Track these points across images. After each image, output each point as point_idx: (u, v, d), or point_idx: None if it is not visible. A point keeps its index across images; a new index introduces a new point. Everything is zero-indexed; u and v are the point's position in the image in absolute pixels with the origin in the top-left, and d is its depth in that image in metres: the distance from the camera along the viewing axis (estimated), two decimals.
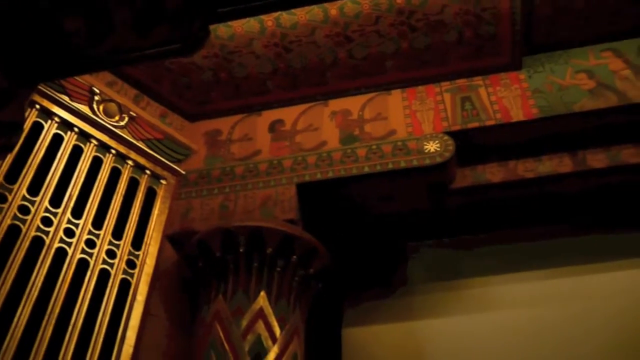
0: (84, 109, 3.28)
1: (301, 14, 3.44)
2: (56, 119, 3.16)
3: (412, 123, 3.47)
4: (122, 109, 3.46)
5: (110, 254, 3.05)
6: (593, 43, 3.64)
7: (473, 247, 3.84)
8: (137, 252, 3.16)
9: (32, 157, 2.97)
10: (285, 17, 3.45)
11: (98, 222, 3.08)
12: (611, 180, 3.50)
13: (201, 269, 3.17)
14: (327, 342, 3.70)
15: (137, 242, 3.20)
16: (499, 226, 3.82)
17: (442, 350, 3.57)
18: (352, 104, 3.65)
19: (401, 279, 3.88)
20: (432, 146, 3.31)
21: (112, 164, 3.30)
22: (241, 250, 3.07)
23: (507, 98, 3.48)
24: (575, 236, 3.79)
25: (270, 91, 3.73)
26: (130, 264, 3.10)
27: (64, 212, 2.95)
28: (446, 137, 3.33)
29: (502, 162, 3.44)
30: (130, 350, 2.87)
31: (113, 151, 3.33)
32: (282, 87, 3.71)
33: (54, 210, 2.93)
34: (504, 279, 3.75)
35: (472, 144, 3.41)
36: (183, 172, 3.56)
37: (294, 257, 3.11)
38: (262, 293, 3.00)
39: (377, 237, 3.83)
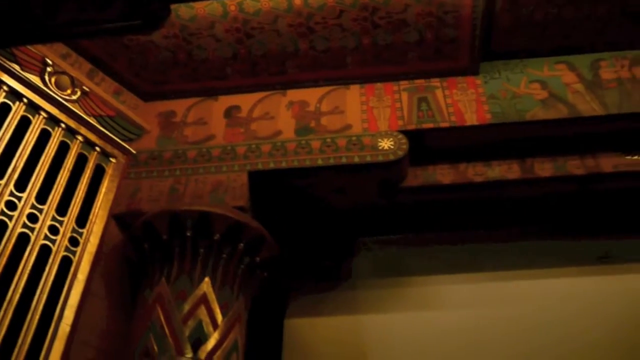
0: (35, 79, 3.18)
1: (265, 1, 3.41)
2: (4, 87, 3.05)
3: (368, 119, 3.49)
4: (75, 83, 3.37)
5: (53, 230, 2.97)
6: (549, 55, 3.73)
7: (420, 246, 3.90)
8: (81, 230, 3.09)
9: None
10: (249, 3, 3.41)
11: (42, 197, 2.99)
12: (556, 189, 3.60)
13: (146, 251, 3.12)
14: (269, 332, 3.70)
15: (82, 220, 3.12)
16: (446, 227, 3.89)
17: (383, 346, 3.62)
18: (310, 95, 3.65)
19: (347, 273, 3.91)
20: (386, 143, 3.34)
21: (60, 138, 3.21)
22: (188, 234, 3.04)
23: (463, 102, 3.53)
24: (520, 241, 3.90)
25: (229, 76, 3.69)
26: (73, 242, 3.03)
27: (6, 184, 2.86)
28: (400, 136, 3.36)
29: (453, 164, 3.50)
30: (68, 329, 2.82)
31: (62, 125, 3.23)
32: (241, 73, 3.68)
33: None
34: (448, 279, 3.82)
35: (425, 144, 3.46)
36: (134, 152, 3.49)
37: (241, 244, 3.10)
38: (207, 279, 2.98)
39: (326, 230, 3.84)
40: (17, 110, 3.07)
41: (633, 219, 3.85)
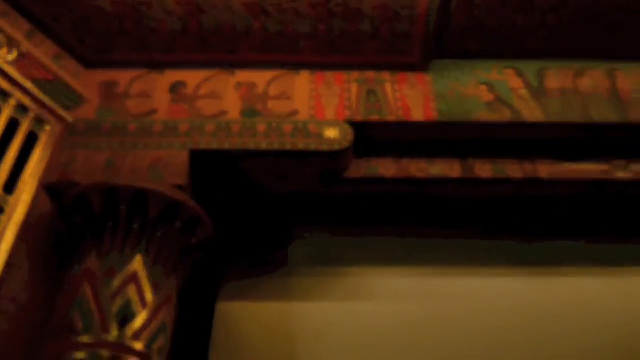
0: None
1: None
2: None
3: (315, 106, 3.47)
4: (11, 43, 3.20)
5: None
6: (498, 59, 3.78)
7: (358, 237, 3.91)
8: (7, 198, 2.96)
9: None
10: None
11: None
12: (494, 191, 3.68)
13: (77, 224, 3.02)
14: (200, 314, 3.65)
15: (10, 187, 2.98)
16: (385, 220, 3.91)
17: (314, 334, 3.63)
18: (259, 77, 3.59)
19: (284, 259, 3.89)
20: (332, 132, 3.32)
21: None
22: (122, 210, 2.96)
23: (411, 97, 3.55)
24: (457, 239, 3.96)
25: (177, 50, 3.59)
26: None
27: None
28: (347, 126, 3.35)
29: (396, 159, 3.51)
30: None
31: None
32: (190, 48, 3.58)
33: None
34: (383, 272, 3.86)
35: (370, 137, 3.46)
36: (71, 120, 3.36)
37: (177, 224, 3.04)
38: (139, 256, 2.91)
39: (266, 215, 3.81)
40: None
41: (566, 224, 3.97)
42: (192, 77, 3.59)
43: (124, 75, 3.59)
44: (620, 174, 3.54)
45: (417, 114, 3.47)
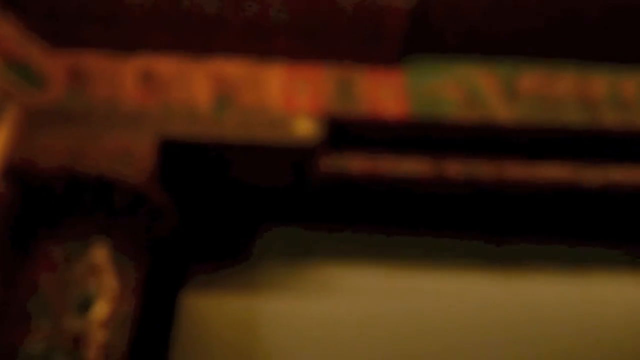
0: None
1: None
2: None
3: (288, 100, 3.43)
4: None
5: None
6: (472, 57, 3.78)
7: (327, 233, 3.90)
8: None
9: None
10: None
11: None
12: (465, 190, 3.69)
13: (38, 210, 2.95)
14: (164, 306, 3.61)
15: None
16: (354, 216, 3.91)
17: (279, 329, 3.61)
18: (234, 68, 3.52)
19: (251, 253, 3.85)
20: (303, 127, 3.29)
21: None
22: (86, 196, 2.90)
23: (385, 93, 3.53)
24: (425, 236, 3.98)
25: (148, 36, 3.51)
26: None
27: None
28: (320, 121, 3.32)
29: (368, 155, 3.50)
30: None
31: None
32: (162, 34, 3.50)
33: None
34: (352, 268, 3.85)
35: (342, 132, 3.44)
36: (35, 103, 3.27)
37: (142, 213, 2.99)
38: (101, 245, 2.86)
39: (235, 208, 3.77)
40: None
41: (534, 225, 4.02)
42: (162, 64, 3.51)
43: (92, 59, 3.49)
44: (588, 177, 3.59)
45: (390, 111, 3.45)
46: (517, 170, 3.58)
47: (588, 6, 3.64)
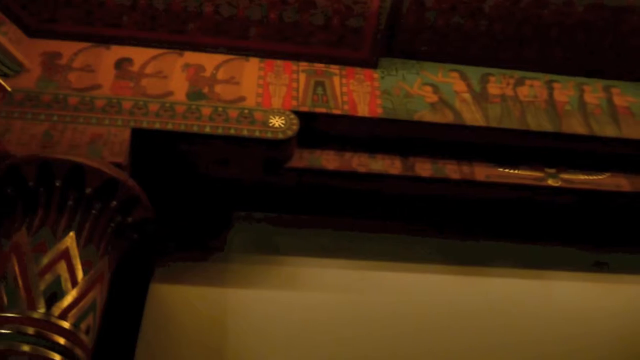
0: None
1: None
2: None
3: (262, 94, 3.46)
4: None
5: None
6: (444, 61, 3.88)
7: (296, 227, 3.94)
8: None
9: None
10: None
11: None
12: (433, 190, 3.77)
13: (8, 196, 2.92)
14: (133, 295, 3.60)
15: None
16: (325, 211, 3.96)
17: (247, 321, 3.63)
18: (208, 60, 3.55)
19: (221, 245, 3.87)
20: (277, 121, 3.33)
21: None
22: (57, 184, 2.88)
23: (358, 92, 3.60)
24: (394, 234, 4.05)
25: (125, 26, 3.51)
26: None
27: None
28: (292, 116, 3.36)
29: (339, 152, 3.55)
30: None
31: None
32: (139, 25, 3.51)
33: None
34: (320, 263, 3.90)
35: (315, 128, 3.47)
36: (9, 89, 3.24)
37: (114, 202, 2.98)
38: (72, 233, 2.84)
39: (206, 199, 3.78)
40: None
41: (499, 226, 4.13)
42: (138, 55, 3.52)
43: (68, 47, 3.49)
44: (551, 182, 3.70)
45: (363, 109, 3.52)
46: (485, 172, 3.67)
47: (555, 22, 3.77)
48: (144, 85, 3.39)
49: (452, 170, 3.63)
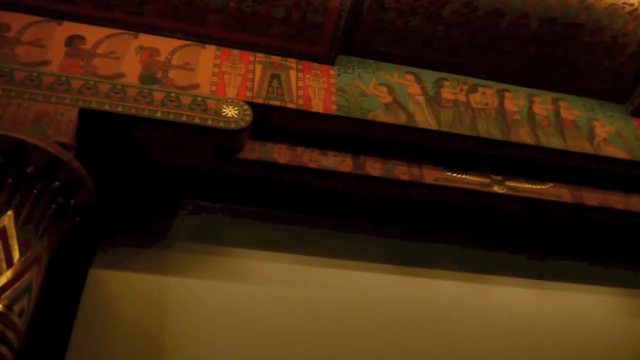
0: None
1: None
2: None
3: (217, 83, 3.42)
4: None
5: None
6: (401, 63, 3.92)
7: (243, 219, 3.92)
8: None
9: None
10: None
11: None
12: (382, 190, 3.81)
13: None
14: (71, 279, 3.52)
15: None
16: (273, 205, 3.95)
17: (188, 310, 3.60)
18: (163, 45, 3.48)
19: (166, 233, 3.82)
20: (230, 111, 3.29)
21: None
22: None
23: (313, 88, 3.59)
24: (341, 231, 4.08)
25: (79, 3, 3.40)
26: None
27: None
28: (246, 107, 3.33)
29: (291, 146, 3.54)
30: None
31: None
32: (93, 3, 3.41)
33: None
34: (264, 256, 3.89)
35: (268, 121, 3.46)
36: None
37: (56, 183, 2.89)
38: (10, 212, 2.74)
39: (153, 186, 3.73)
40: None
41: (444, 228, 4.22)
42: (92, 33, 3.42)
43: (17, 19, 3.36)
44: (496, 188, 3.78)
45: (317, 105, 3.52)
46: (434, 175, 3.73)
47: (510, 33, 3.85)
48: (95, 65, 3.30)
49: (401, 171, 3.68)
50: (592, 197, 3.96)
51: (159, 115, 3.19)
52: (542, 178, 3.92)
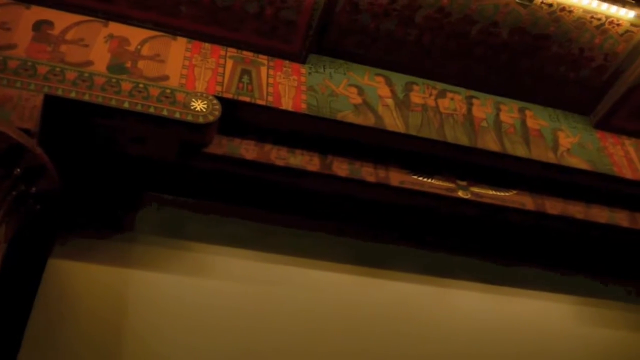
0: None
1: None
2: None
3: (187, 75, 3.39)
4: None
5: None
6: (372, 65, 3.94)
7: (208, 214, 3.89)
8: None
9: None
10: None
11: None
12: (348, 190, 3.83)
13: None
14: (30, 268, 3.46)
15: None
16: (238, 201, 3.94)
17: (149, 303, 3.57)
18: (134, 34, 3.44)
19: (129, 225, 3.78)
20: (199, 105, 3.27)
21: None
22: None
23: (284, 85, 3.59)
24: (307, 230, 4.08)
25: None
26: None
27: None
28: (215, 101, 3.30)
29: (259, 143, 3.53)
30: None
31: None
32: None
33: None
34: (230, 252, 3.87)
35: (237, 116, 3.44)
36: None
37: (17, 169, 2.84)
38: None
39: (118, 177, 3.68)
40: None
41: (408, 231, 4.25)
42: (60, 19, 3.36)
43: None
44: (461, 194, 3.83)
45: (287, 103, 3.52)
46: (400, 178, 3.76)
47: (481, 41, 3.91)
48: (63, 52, 3.24)
49: (368, 172, 3.70)
50: (553, 206, 4.03)
51: (126, 105, 3.14)
52: (506, 185, 3.98)
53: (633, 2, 3.75)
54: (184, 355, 3.47)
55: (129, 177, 3.68)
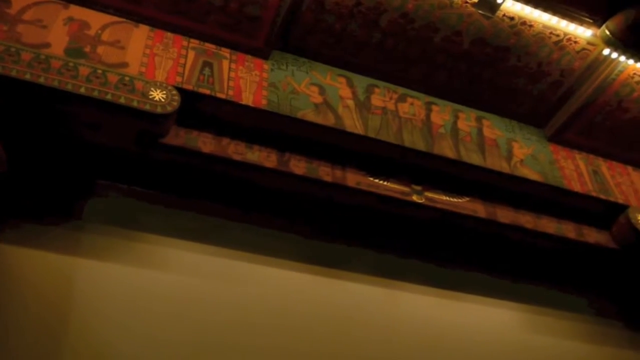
0: None
1: None
2: None
3: (147, 64, 3.34)
4: None
5: None
6: (335, 65, 3.96)
7: (160, 205, 3.85)
8: None
9: None
10: None
11: None
12: (305, 189, 3.83)
13: None
14: None
15: None
16: (192, 194, 3.91)
17: (95, 292, 3.53)
18: (94, 19, 3.37)
19: (79, 212, 3.71)
20: (158, 94, 3.23)
21: None
22: None
23: (245, 80, 3.58)
24: (261, 226, 4.08)
25: None
26: None
27: None
28: (175, 92, 3.27)
29: (217, 137, 3.51)
30: None
31: None
32: None
33: None
34: (181, 245, 3.85)
35: (196, 109, 3.42)
36: None
37: None
38: None
39: (71, 163, 3.60)
40: None
41: (362, 232, 4.28)
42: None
43: None
44: (415, 198, 3.88)
45: (247, 98, 3.50)
46: (356, 179, 3.78)
47: (443, 49, 3.96)
48: (19, 32, 3.16)
49: (325, 172, 3.71)
50: (504, 215, 4.12)
51: (82, 91, 3.08)
52: (460, 192, 4.05)
53: (591, 21, 3.84)
54: (128, 340, 3.45)
55: (82, 164, 3.62)
